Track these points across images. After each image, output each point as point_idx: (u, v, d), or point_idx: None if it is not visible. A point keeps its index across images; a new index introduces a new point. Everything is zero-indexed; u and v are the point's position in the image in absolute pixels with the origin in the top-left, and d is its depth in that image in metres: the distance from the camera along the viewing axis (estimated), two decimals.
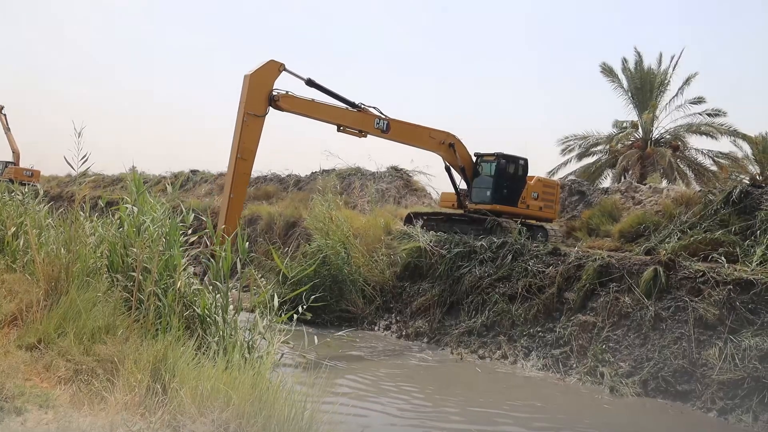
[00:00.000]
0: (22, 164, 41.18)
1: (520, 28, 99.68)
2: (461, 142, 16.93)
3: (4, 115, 40.93)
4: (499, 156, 17.33)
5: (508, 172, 17.48)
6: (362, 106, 14.72)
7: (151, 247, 6.68)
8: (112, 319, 6.05)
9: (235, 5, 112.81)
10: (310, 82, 13.88)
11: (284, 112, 13.60)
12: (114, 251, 7.30)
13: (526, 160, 17.79)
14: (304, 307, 7.21)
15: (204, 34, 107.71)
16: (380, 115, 14.98)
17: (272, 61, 13.30)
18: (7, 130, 41.29)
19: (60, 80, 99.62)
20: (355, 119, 14.68)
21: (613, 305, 12.00)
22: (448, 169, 17.35)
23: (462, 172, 17.28)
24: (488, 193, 17.17)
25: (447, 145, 16.57)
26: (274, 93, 13.31)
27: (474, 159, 17.53)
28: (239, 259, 7.22)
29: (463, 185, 17.82)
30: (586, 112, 68.85)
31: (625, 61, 30.82)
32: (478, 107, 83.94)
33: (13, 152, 41.63)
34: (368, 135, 15.00)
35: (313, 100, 13.93)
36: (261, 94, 13.14)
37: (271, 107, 13.41)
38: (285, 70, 13.36)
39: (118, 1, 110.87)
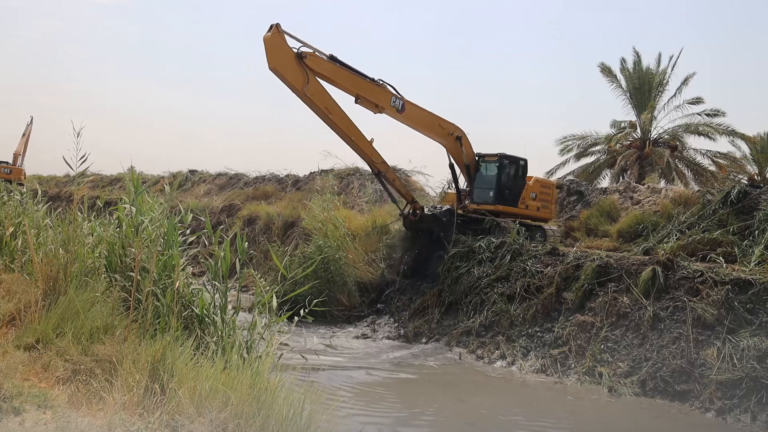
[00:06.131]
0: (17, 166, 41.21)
1: (519, 28, 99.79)
2: (467, 138, 17.05)
3: (31, 126, 41.75)
4: (501, 156, 17.36)
5: (510, 173, 17.52)
6: (381, 82, 15.00)
7: (149, 247, 6.67)
8: (111, 319, 6.04)
9: (235, 5, 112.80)
10: (332, 58, 14.27)
11: (309, 73, 13.83)
12: (112, 251, 7.30)
13: (525, 161, 17.84)
14: (307, 310, 7.18)
15: (203, 31, 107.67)
16: (397, 94, 15.32)
17: (271, 34, 13.21)
18: (27, 138, 41.85)
19: (59, 80, 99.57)
20: (374, 92, 15.04)
21: (612, 305, 12.00)
22: (452, 167, 17.36)
23: (466, 169, 17.31)
24: (491, 193, 17.18)
25: (454, 138, 16.72)
26: (300, 51, 13.66)
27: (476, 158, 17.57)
28: (238, 259, 7.20)
29: (462, 185, 17.82)
30: (585, 112, 68.93)
31: (623, 61, 30.85)
32: (478, 107, 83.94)
33: (14, 154, 41.72)
34: (383, 112, 15.33)
35: (335, 65, 14.34)
36: (292, 66, 13.50)
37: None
38: (282, 30, 13.43)
39: (117, 1, 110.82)
